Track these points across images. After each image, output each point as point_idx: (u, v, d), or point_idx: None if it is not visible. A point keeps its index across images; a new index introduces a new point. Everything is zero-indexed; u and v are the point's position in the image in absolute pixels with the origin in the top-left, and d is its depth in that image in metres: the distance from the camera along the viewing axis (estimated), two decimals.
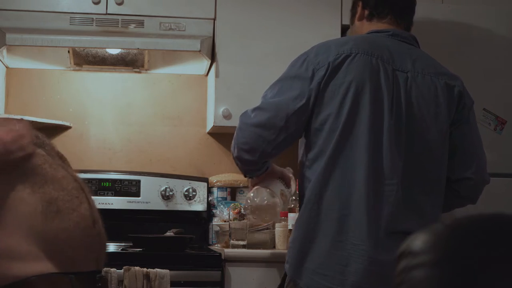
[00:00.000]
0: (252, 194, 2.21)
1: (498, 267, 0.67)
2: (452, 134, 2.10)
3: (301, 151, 2.10)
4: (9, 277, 0.67)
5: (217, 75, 3.11)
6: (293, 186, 2.29)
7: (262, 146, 2.00)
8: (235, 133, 2.07)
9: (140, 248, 2.88)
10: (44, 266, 0.76)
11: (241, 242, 2.89)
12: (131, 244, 2.96)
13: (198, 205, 3.29)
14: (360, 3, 2.19)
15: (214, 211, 3.27)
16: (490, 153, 2.82)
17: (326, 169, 1.97)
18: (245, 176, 2.20)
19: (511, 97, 2.85)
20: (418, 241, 0.72)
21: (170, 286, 2.62)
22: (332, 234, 1.95)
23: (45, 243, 0.72)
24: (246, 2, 3.16)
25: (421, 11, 2.86)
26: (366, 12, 2.18)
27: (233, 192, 3.31)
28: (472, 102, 2.17)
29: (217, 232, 3.18)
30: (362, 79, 1.98)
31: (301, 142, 2.10)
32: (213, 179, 3.31)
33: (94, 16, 3.09)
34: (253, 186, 2.26)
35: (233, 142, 2.07)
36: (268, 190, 2.20)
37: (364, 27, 2.18)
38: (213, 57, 3.15)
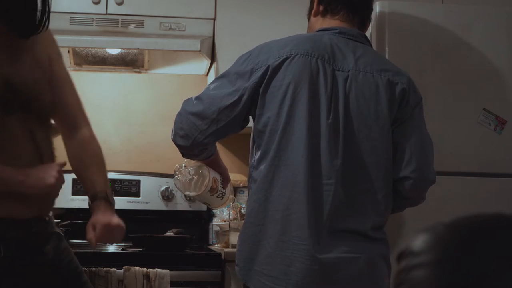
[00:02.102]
0: (186, 161, 2.22)
1: (498, 266, 0.67)
2: (393, 132, 2.08)
3: (250, 152, 2.12)
4: None
5: (217, 75, 3.11)
6: (228, 190, 2.29)
7: (195, 134, 2.06)
8: (176, 117, 2.13)
9: (140, 248, 2.88)
10: None
11: None
12: (131, 244, 2.96)
13: (198, 205, 3.29)
14: None
15: (214, 211, 3.27)
16: (490, 153, 2.83)
17: (269, 171, 2.00)
18: (184, 157, 2.23)
19: (511, 97, 2.85)
20: (418, 241, 0.72)
21: (170, 286, 2.62)
22: (276, 235, 1.97)
23: None
24: (246, 2, 3.16)
25: (421, 11, 2.86)
26: (321, 7, 2.18)
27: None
28: (420, 99, 2.13)
29: (217, 232, 3.18)
30: (300, 80, 1.99)
31: (251, 144, 2.12)
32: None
33: (94, 16, 3.10)
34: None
35: (173, 125, 2.14)
36: (204, 166, 2.20)
37: (318, 23, 2.19)
38: (213, 57, 3.15)
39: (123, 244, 3.05)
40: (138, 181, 3.28)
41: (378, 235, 2.03)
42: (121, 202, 3.24)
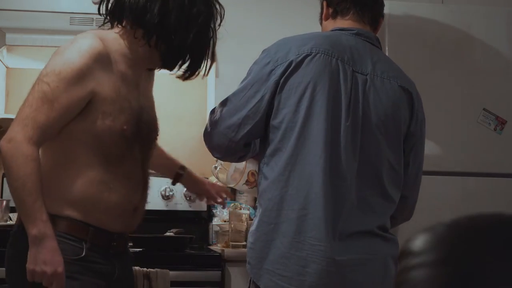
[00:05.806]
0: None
1: (498, 267, 0.67)
2: (405, 149, 2.09)
3: (259, 145, 2.11)
4: None
5: (217, 75, 3.11)
6: None
7: (225, 143, 2.07)
8: (204, 135, 2.16)
9: (140, 248, 2.88)
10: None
11: (241, 242, 2.89)
12: (131, 244, 2.95)
13: (198, 205, 3.29)
14: (325, 2, 2.18)
15: (214, 211, 3.27)
16: (490, 153, 2.83)
17: (285, 169, 1.97)
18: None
19: (511, 97, 2.85)
20: (418, 241, 0.72)
21: (170, 286, 2.62)
22: (291, 235, 1.95)
23: None
24: (246, 2, 3.16)
25: (421, 11, 2.86)
26: (331, 10, 2.16)
27: (233, 192, 3.30)
28: (424, 116, 2.14)
29: (217, 232, 3.18)
30: (321, 79, 1.98)
31: (260, 138, 2.11)
32: (213, 179, 3.31)
33: (94, 16, 3.09)
34: None
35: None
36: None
37: (330, 26, 2.16)
38: (213, 57, 3.14)
39: None
40: None
41: (389, 235, 2.04)
42: None
